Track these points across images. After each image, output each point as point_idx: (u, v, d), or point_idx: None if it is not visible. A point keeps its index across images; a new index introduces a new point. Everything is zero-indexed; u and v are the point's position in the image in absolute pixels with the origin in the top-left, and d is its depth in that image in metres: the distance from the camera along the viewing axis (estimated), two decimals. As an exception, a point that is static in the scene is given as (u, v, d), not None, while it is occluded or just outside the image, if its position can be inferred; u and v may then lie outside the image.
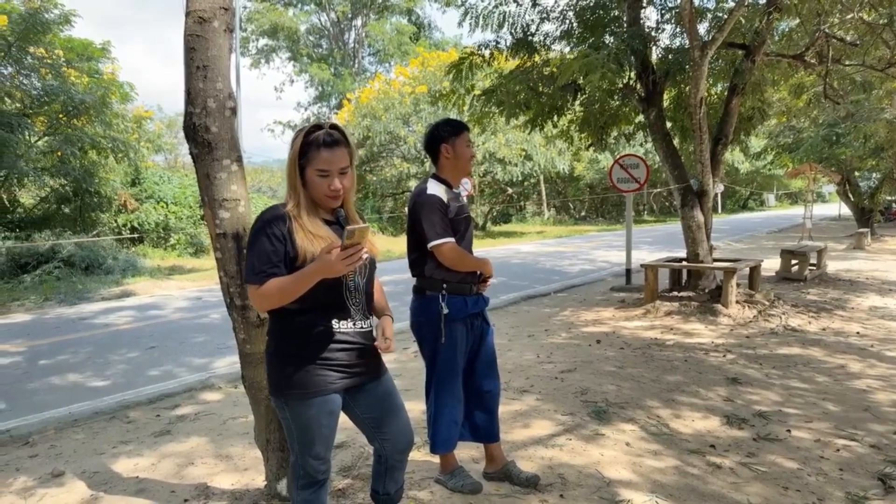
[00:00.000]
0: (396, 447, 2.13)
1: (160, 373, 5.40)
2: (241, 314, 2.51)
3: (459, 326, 2.72)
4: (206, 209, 2.43)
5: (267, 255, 1.86)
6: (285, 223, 1.89)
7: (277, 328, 1.98)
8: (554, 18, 8.21)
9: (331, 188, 1.90)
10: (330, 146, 1.89)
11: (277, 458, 2.61)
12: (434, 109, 20.40)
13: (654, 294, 7.48)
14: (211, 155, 2.36)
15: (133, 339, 6.67)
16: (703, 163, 7.28)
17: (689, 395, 4.24)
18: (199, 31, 2.28)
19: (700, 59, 6.68)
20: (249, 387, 2.61)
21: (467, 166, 2.81)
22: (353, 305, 1.98)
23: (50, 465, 3.54)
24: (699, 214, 7.46)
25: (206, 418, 4.23)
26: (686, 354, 5.31)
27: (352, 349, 1.98)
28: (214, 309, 8.25)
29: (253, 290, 1.87)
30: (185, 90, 2.33)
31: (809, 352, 5.41)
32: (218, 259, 2.48)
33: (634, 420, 3.78)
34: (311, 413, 1.95)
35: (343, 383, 1.98)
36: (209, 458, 3.54)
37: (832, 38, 7.36)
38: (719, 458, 3.23)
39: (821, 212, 34.10)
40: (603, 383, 4.48)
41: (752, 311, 6.90)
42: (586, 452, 3.30)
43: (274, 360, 1.99)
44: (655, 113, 7.73)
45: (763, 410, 3.94)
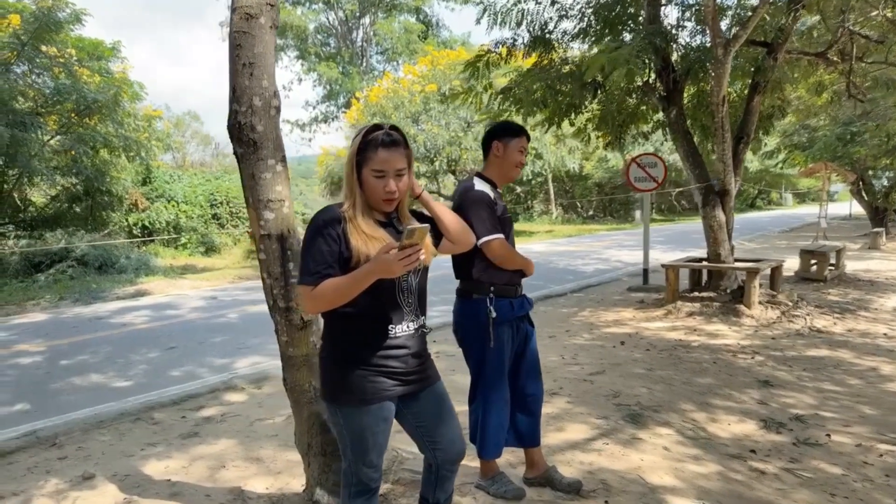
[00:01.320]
0: (448, 457, 2.08)
1: (182, 373, 5.37)
2: (284, 316, 2.46)
3: (506, 329, 2.68)
4: (251, 210, 2.39)
5: (322, 256, 1.82)
6: (340, 224, 1.85)
7: (331, 332, 1.94)
8: (572, 16, 8.15)
9: (386, 189, 1.85)
10: (388, 146, 1.84)
11: (319, 464, 2.56)
12: (444, 108, 20.35)
13: (675, 294, 7.41)
14: (256, 154, 2.32)
15: (152, 338, 6.64)
16: (724, 162, 7.20)
17: (722, 398, 4.17)
18: (245, 27, 2.23)
19: (723, 57, 6.60)
20: (291, 390, 2.57)
21: (513, 171, 2.76)
22: (407, 307, 1.93)
23: (79, 468, 3.51)
24: (721, 214, 7.38)
25: (232, 420, 4.20)
26: (714, 356, 5.24)
27: (406, 354, 1.93)
28: (231, 309, 8.22)
29: (306, 292, 1.83)
30: (230, 88, 2.28)
31: (838, 354, 5.33)
32: (261, 260, 2.43)
33: (670, 424, 3.72)
34: (366, 420, 1.90)
35: (398, 390, 1.93)
36: (240, 460, 3.50)
37: (856, 35, 7.26)
38: (762, 464, 3.17)
39: (830, 211, 33.82)
40: (634, 386, 4.42)
41: (775, 311, 6.82)
42: (626, 457, 3.24)
43: (328, 366, 1.94)
44: (676, 111, 7.65)
45: (799, 414, 3.87)
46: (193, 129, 40.88)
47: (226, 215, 17.20)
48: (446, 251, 2.13)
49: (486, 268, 2.64)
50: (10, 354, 6.17)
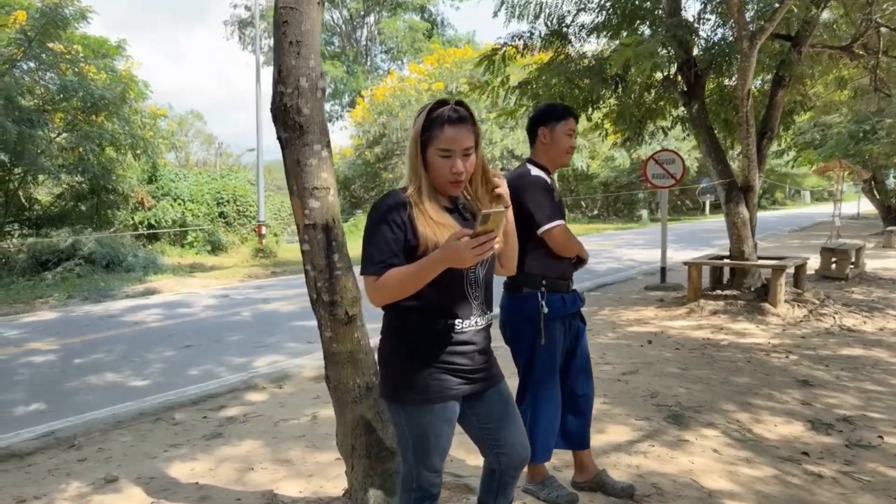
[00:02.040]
0: (513, 462, 1.94)
1: (200, 372, 5.23)
2: (328, 310, 2.33)
3: (558, 326, 2.54)
4: (295, 198, 2.25)
5: (387, 244, 1.68)
6: (406, 210, 1.71)
7: (394, 327, 1.80)
8: (590, 9, 8.01)
9: (452, 170, 1.71)
10: (455, 123, 1.70)
11: (364, 466, 2.42)
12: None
13: (697, 293, 7.26)
14: (302, 139, 2.18)
15: (166, 337, 6.51)
16: (749, 157, 7.06)
17: (763, 399, 4.03)
18: (292, 3, 2.10)
19: (749, 51, 6.45)
20: (335, 388, 2.43)
21: (563, 157, 2.61)
22: (474, 300, 1.80)
23: (101, 470, 3.38)
24: (744, 210, 7.23)
25: (255, 420, 4.06)
26: (746, 355, 5.10)
27: (473, 350, 1.80)
28: (244, 307, 8.09)
29: (370, 283, 1.69)
30: (275, 68, 2.15)
31: (873, 353, 5.19)
32: (305, 251, 2.30)
33: (714, 425, 3.58)
34: (429, 420, 1.77)
35: (463, 389, 1.79)
36: (268, 462, 3.37)
37: (882, 29, 7.12)
38: (817, 467, 3.03)
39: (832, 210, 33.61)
40: (671, 386, 4.28)
41: (801, 310, 6.67)
42: (674, 460, 3.11)
43: (390, 362, 1.80)
44: (698, 106, 7.51)
45: (847, 415, 3.73)
46: (196, 129, 40.83)
47: (232, 214, 17.07)
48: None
49: (541, 258, 2.50)
50: (23, 353, 6.04)
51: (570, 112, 2.61)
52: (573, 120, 2.59)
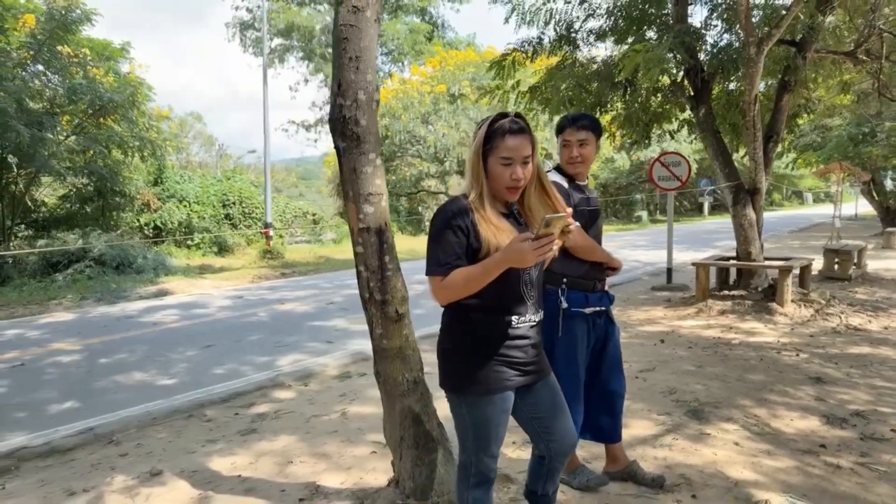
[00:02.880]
0: (563, 449, 2.08)
1: (225, 371, 5.36)
2: (380, 309, 2.46)
3: (579, 323, 2.66)
4: (350, 204, 2.39)
5: (452, 247, 1.83)
6: (469, 216, 1.85)
7: (455, 324, 1.94)
8: (599, 15, 8.16)
9: (512, 177, 1.86)
10: (515, 133, 1.85)
11: (412, 457, 2.56)
12: (453, 108, 20.36)
13: (705, 293, 7.42)
14: (359, 149, 2.32)
15: (186, 337, 6.64)
16: (756, 160, 7.22)
17: (778, 395, 4.18)
18: (352, 20, 2.23)
19: (756, 56, 6.61)
20: (384, 383, 2.57)
21: (569, 167, 2.71)
22: (529, 299, 1.94)
23: (143, 464, 3.50)
24: (751, 212, 7.39)
25: (287, 417, 4.19)
26: (758, 354, 5.25)
27: (527, 345, 1.94)
28: (259, 308, 8.22)
29: (436, 282, 1.83)
30: (335, 81, 2.28)
31: (880, 351, 5.34)
32: (359, 253, 2.43)
33: (733, 420, 3.72)
34: (490, 410, 1.91)
35: (518, 381, 1.94)
36: (306, 456, 3.50)
37: (886, 34, 7.29)
38: (835, 458, 3.18)
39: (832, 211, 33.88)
40: (689, 383, 4.43)
41: (808, 310, 6.83)
42: (698, 452, 3.25)
43: (452, 357, 1.94)
44: (705, 111, 7.67)
45: (859, 410, 3.88)
46: (196, 130, 40.86)
47: (238, 216, 17.18)
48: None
49: (563, 259, 2.61)
50: (48, 353, 6.16)
51: (567, 124, 2.69)
52: (570, 130, 2.67)
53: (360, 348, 5.97)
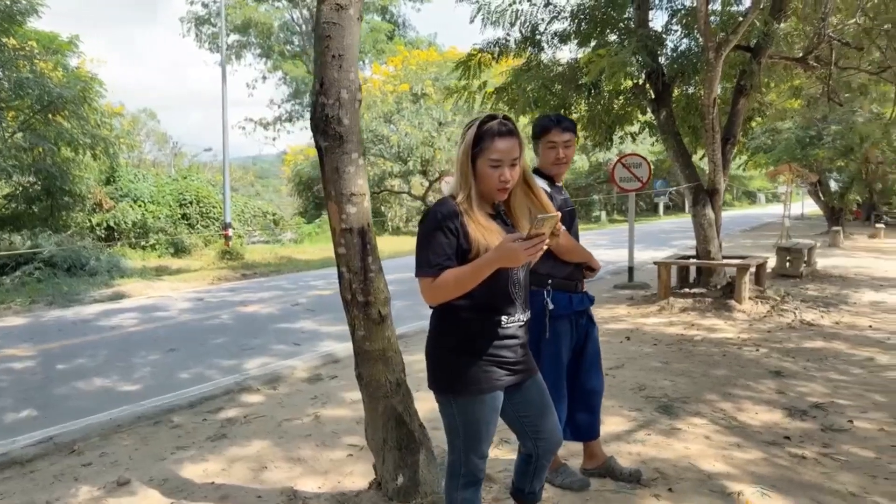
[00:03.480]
0: (550, 447, 2.11)
1: (191, 375, 5.22)
2: (362, 311, 2.44)
3: (564, 324, 2.70)
4: (332, 204, 2.36)
5: (442, 248, 1.83)
6: (458, 217, 1.86)
7: (445, 325, 1.94)
8: (563, 17, 8.28)
9: (501, 179, 1.87)
10: (504, 136, 1.86)
11: (395, 458, 2.54)
12: (416, 108, 20.33)
13: (667, 291, 7.60)
14: (342, 148, 2.29)
15: (148, 341, 6.44)
16: (715, 162, 7.44)
17: (742, 389, 4.32)
18: (335, 18, 2.21)
19: (715, 60, 6.82)
20: (367, 385, 2.55)
21: (554, 169, 2.74)
22: (517, 299, 1.95)
23: (108, 474, 3.38)
24: (710, 212, 7.62)
25: (258, 421, 4.11)
26: (721, 349, 5.41)
27: (516, 344, 1.96)
28: (222, 310, 8.04)
29: (427, 283, 1.83)
30: (317, 79, 2.25)
31: (833, 345, 5.58)
32: (341, 254, 2.41)
33: (702, 414, 3.83)
34: (480, 410, 1.92)
35: (508, 380, 1.95)
36: (280, 461, 3.44)
37: (835, 41, 7.62)
38: (799, 450, 3.30)
39: (780, 211, 35.26)
40: (657, 379, 4.53)
41: (764, 306, 7.08)
42: (671, 447, 3.33)
43: (442, 357, 1.94)
44: (666, 113, 7.86)
45: (818, 402, 4.04)
46: (150, 128, 39.65)
47: (195, 216, 16.75)
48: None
49: (548, 260, 2.65)
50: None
51: (552, 125, 2.70)
52: (555, 132, 2.68)
53: (329, 350, 5.91)
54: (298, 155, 24.90)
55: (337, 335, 6.59)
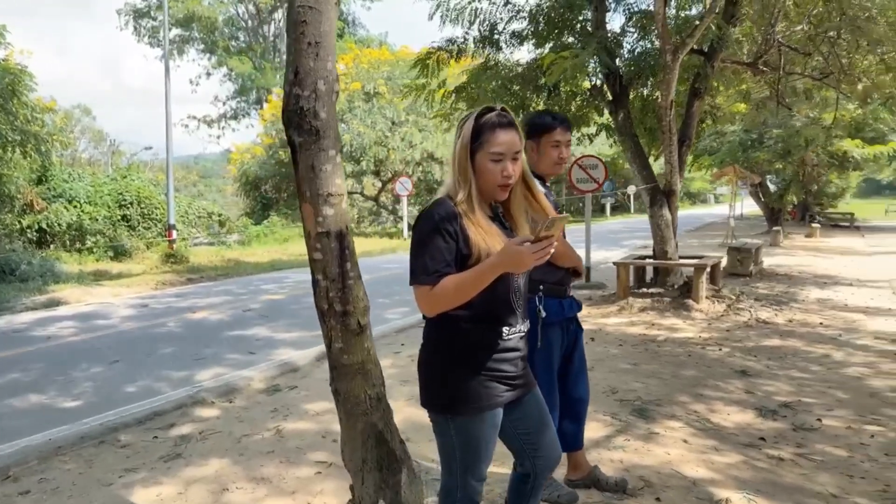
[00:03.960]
0: (548, 464, 1.97)
1: (138, 389, 4.87)
2: (340, 321, 2.25)
3: (556, 331, 2.60)
4: (307, 205, 2.16)
5: (441, 254, 1.67)
6: (458, 219, 1.70)
7: (442, 338, 1.78)
8: (521, 17, 8.24)
9: (504, 174, 1.73)
10: (506, 128, 1.72)
11: (375, 479, 2.36)
12: (369, 107, 20.02)
13: (626, 291, 7.65)
14: (318, 144, 2.10)
15: (88, 352, 6.00)
16: (671, 163, 7.54)
17: (711, 389, 4.33)
18: (311, 2, 2.01)
19: (672, 63, 6.91)
20: (344, 401, 2.35)
21: (552, 168, 2.64)
22: (518, 308, 1.82)
23: (49, 502, 3.07)
24: (667, 213, 7.72)
25: (215, 438, 3.84)
26: (685, 349, 5.45)
27: (516, 357, 1.82)
28: (168, 317, 7.61)
29: (424, 292, 1.67)
30: (290, 69, 2.05)
31: (790, 343, 5.71)
32: (317, 260, 2.21)
33: (676, 417, 3.80)
34: (480, 429, 1.77)
35: (508, 396, 1.81)
36: (242, 481, 3.20)
37: (784, 47, 7.85)
38: (775, 451, 3.30)
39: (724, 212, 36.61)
40: (628, 381, 4.49)
41: (721, 305, 7.21)
42: (651, 452, 3.27)
43: (438, 373, 1.78)
44: (624, 115, 7.92)
45: (786, 401, 4.08)
46: (84, 125, 37.81)
47: (136, 217, 15.95)
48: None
49: (540, 265, 2.53)
50: (-84, 376, 5.34)
51: (556, 123, 2.61)
52: (560, 131, 2.59)
53: (286, 358, 5.64)
54: (245, 154, 24.14)
55: (294, 342, 6.32)
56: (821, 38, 8.03)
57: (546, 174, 2.68)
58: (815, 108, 10.98)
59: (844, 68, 7.95)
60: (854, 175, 23.84)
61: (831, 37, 7.64)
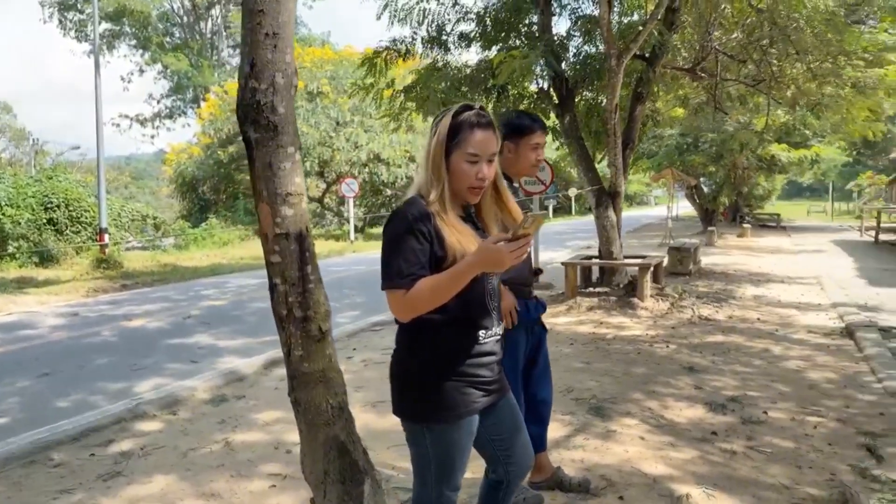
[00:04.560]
0: (522, 470, 1.94)
1: (71, 403, 4.56)
2: (300, 327, 2.15)
3: (521, 332, 2.58)
4: (264, 205, 2.05)
5: (415, 256, 1.61)
6: (431, 220, 1.64)
7: (415, 343, 1.71)
8: (469, 19, 8.25)
9: (478, 176, 1.68)
10: (484, 128, 1.67)
11: (338, 492, 2.26)
12: (312, 106, 19.66)
13: (574, 291, 7.77)
14: (276, 140, 1.99)
15: (14, 364, 5.58)
16: (616, 165, 7.70)
17: (662, 386, 4.42)
18: (269, -9, 1.91)
19: (616, 67, 7.06)
20: (305, 411, 2.24)
21: (528, 170, 2.64)
22: (493, 311, 1.77)
23: (-28, 532, 2.81)
24: (612, 214, 7.88)
25: (158, 453, 3.62)
26: (634, 347, 5.55)
27: (493, 361, 1.77)
28: (102, 326, 7.20)
29: (398, 296, 1.60)
30: (246, 61, 1.94)
31: (732, 339, 5.92)
32: (275, 263, 2.10)
33: (631, 414, 3.85)
34: (456, 437, 1.71)
35: (484, 401, 1.76)
36: (192, 498, 3.03)
37: (720, 54, 8.16)
38: (728, 444, 3.39)
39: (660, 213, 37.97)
40: (582, 380, 4.53)
41: (665, 303, 7.42)
42: (610, 451, 3.29)
43: (413, 380, 1.71)
44: (570, 118, 8.04)
45: (733, 395, 4.21)
46: (4, 122, 35.68)
47: (64, 220, 15.05)
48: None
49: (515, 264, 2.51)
50: None
51: (536, 126, 2.61)
52: (539, 133, 2.61)
53: (232, 367, 5.41)
54: (182, 154, 23.24)
55: (239, 350, 6.09)
56: (753, 47, 8.39)
57: (522, 175, 2.66)
58: (747, 113, 11.51)
59: (775, 75, 8.34)
60: (780, 178, 25.17)
61: (763, 45, 7.99)
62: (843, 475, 3.00)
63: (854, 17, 7.95)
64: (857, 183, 37.35)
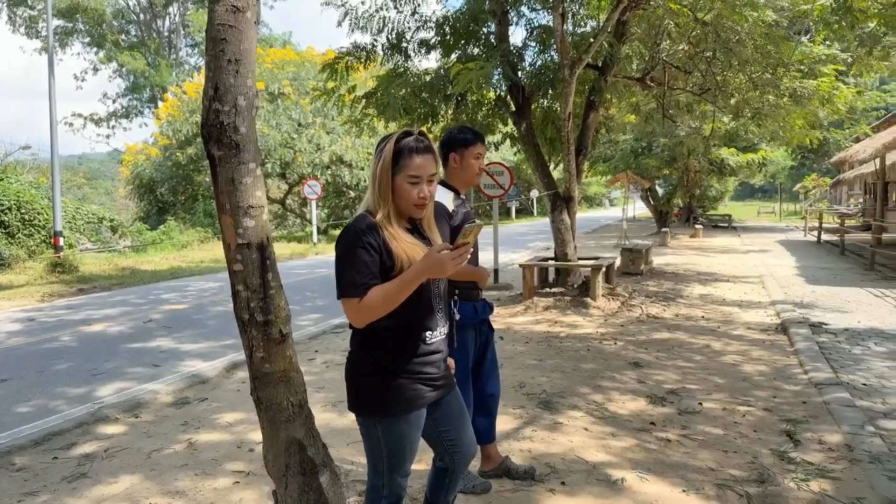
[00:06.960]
0: (466, 459, 2.14)
1: (32, 408, 4.58)
2: (262, 331, 2.31)
3: (469, 332, 2.78)
4: (227, 217, 2.20)
5: (366, 266, 1.79)
6: (379, 233, 1.83)
7: (368, 345, 1.90)
8: (429, 27, 8.46)
9: (420, 196, 1.88)
10: (422, 152, 1.87)
11: (299, 484, 2.43)
12: (274, 108, 19.55)
13: (531, 291, 8.05)
14: (238, 158, 2.15)
15: (-32, 372, 5.53)
16: (570, 171, 8.01)
17: (608, 381, 4.70)
18: (231, 20, 2.07)
19: (570, 77, 7.36)
20: (266, 409, 2.40)
21: (473, 178, 2.86)
22: (439, 312, 1.97)
23: (-64, 535, 2.87)
24: (567, 218, 8.19)
25: (122, 454, 3.71)
26: (584, 344, 5.84)
27: (439, 359, 1.97)
28: (60, 330, 7.13)
29: (353, 304, 1.78)
30: (210, 84, 2.09)
31: (676, 336, 6.27)
32: (237, 271, 2.25)
33: (578, 407, 4.11)
34: (405, 430, 1.91)
35: (432, 396, 1.96)
36: (157, 496, 3.14)
37: (667, 65, 8.56)
38: (664, 433, 3.67)
39: (615, 214, 38.92)
40: (534, 376, 4.78)
41: (615, 302, 7.76)
42: (557, 441, 3.54)
43: (365, 379, 1.90)
44: (526, 125, 8.32)
45: (673, 388, 4.52)
46: (-52, 121, 34.25)
47: (16, 223, 14.67)
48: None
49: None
50: None
51: (477, 139, 2.84)
52: (479, 145, 2.85)
53: (194, 370, 5.49)
54: (139, 155, 22.80)
55: (201, 353, 6.15)
56: (699, 58, 8.82)
57: (467, 184, 2.87)
58: (695, 119, 12.03)
59: (719, 85, 8.78)
60: (731, 180, 26.13)
61: (708, 57, 8.41)
62: (763, 458, 3.31)
63: (797, 27, 8.42)
64: (803, 185, 38.95)
